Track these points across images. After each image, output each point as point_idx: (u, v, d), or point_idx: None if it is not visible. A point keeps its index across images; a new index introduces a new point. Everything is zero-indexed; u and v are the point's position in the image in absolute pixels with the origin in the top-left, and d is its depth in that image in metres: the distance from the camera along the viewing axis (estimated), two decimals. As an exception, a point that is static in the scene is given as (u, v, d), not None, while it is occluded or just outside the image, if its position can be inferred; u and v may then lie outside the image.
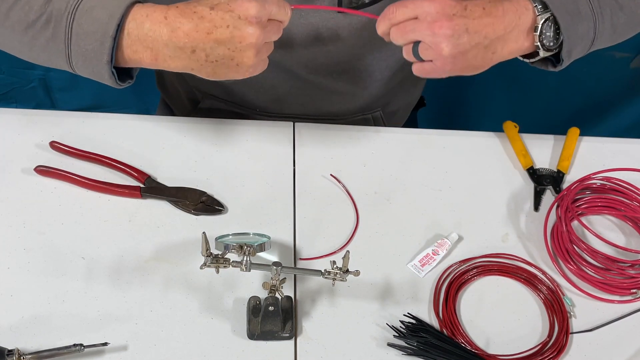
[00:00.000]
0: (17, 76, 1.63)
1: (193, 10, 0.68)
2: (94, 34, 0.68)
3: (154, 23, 0.69)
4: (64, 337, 0.71)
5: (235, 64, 0.70)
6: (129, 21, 0.69)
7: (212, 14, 0.68)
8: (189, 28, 0.68)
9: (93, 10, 0.69)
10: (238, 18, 0.67)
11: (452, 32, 0.71)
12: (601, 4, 0.79)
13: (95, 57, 0.70)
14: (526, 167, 0.95)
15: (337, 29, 0.87)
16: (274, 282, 0.72)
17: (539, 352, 0.76)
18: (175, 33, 0.68)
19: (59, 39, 0.70)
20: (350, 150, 0.95)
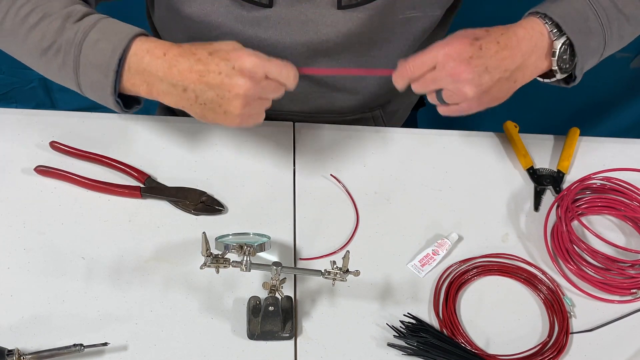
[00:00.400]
0: (17, 76, 1.63)
1: (193, 52, 0.72)
2: (99, 66, 0.73)
3: (153, 58, 0.72)
4: (64, 337, 0.71)
5: (223, 111, 0.72)
6: (131, 55, 0.72)
7: (208, 58, 0.71)
8: (184, 67, 0.71)
9: (98, 43, 0.73)
10: (232, 68, 0.70)
11: (473, 75, 0.73)
12: (609, 17, 0.81)
13: (101, 88, 0.74)
14: (526, 167, 0.95)
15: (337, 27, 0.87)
16: (274, 282, 0.72)
17: (539, 352, 0.76)
18: (170, 70, 0.71)
19: (69, 67, 0.74)
20: (350, 150, 0.95)
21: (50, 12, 0.75)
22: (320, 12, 0.85)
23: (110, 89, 0.73)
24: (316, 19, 0.86)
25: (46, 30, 0.75)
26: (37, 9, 0.76)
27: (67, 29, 0.74)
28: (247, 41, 0.87)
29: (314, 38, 0.87)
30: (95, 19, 0.75)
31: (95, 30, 0.74)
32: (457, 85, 0.74)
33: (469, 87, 0.74)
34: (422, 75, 0.76)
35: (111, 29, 0.74)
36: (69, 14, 0.75)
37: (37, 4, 0.76)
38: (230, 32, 0.87)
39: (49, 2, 0.76)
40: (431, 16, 0.91)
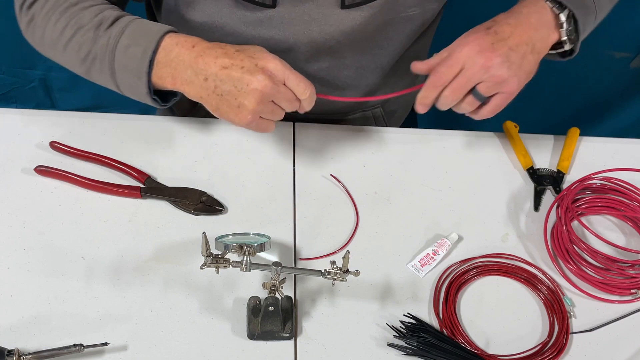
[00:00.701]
0: (17, 76, 1.63)
1: (221, 46, 0.76)
2: (131, 70, 0.78)
3: (183, 49, 0.76)
4: (64, 337, 0.71)
5: (237, 105, 0.74)
6: (160, 51, 0.77)
7: (235, 54, 0.75)
8: (210, 58, 0.74)
9: (129, 48, 0.77)
10: (255, 65, 0.73)
11: (502, 57, 0.76)
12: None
13: (137, 89, 0.79)
14: (526, 167, 0.95)
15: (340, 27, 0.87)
16: (274, 282, 0.72)
17: (539, 352, 0.76)
18: (196, 59, 0.75)
19: (106, 73, 0.80)
20: (350, 150, 0.95)
21: (83, 23, 0.80)
22: (324, 12, 0.85)
23: (145, 89, 0.78)
24: (319, 19, 0.86)
25: (82, 42, 0.80)
26: (70, 22, 0.81)
27: (100, 37, 0.79)
28: (250, 41, 0.87)
29: (317, 37, 0.88)
30: (125, 23, 0.79)
31: (125, 35, 0.78)
32: (492, 72, 0.76)
33: (503, 69, 0.76)
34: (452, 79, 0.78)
35: (140, 32, 0.78)
36: (100, 21, 0.80)
37: (70, 18, 0.81)
38: (233, 33, 0.87)
39: (81, 13, 0.81)
40: (429, 10, 0.92)
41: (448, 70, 0.77)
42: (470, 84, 0.77)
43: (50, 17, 0.82)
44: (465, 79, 0.77)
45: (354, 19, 0.86)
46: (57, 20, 0.81)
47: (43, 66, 1.61)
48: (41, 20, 0.83)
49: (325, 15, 0.86)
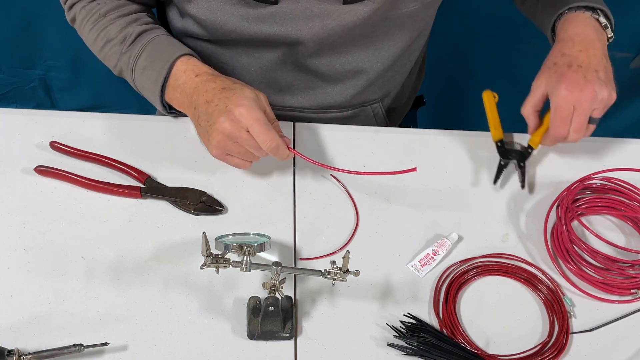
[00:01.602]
0: (17, 76, 1.63)
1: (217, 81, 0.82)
2: (148, 90, 0.88)
3: (187, 78, 0.84)
4: (64, 337, 0.71)
5: (207, 138, 0.81)
6: (171, 76, 0.85)
7: (220, 92, 0.80)
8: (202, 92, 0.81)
9: (145, 70, 0.86)
10: (225, 107, 0.78)
11: (598, 83, 0.83)
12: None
13: (157, 105, 0.88)
14: (496, 139, 0.95)
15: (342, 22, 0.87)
16: (274, 282, 0.72)
17: (539, 352, 0.76)
18: (195, 90, 0.82)
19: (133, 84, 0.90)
20: (350, 150, 0.95)
21: (110, 37, 0.89)
22: (326, 7, 0.85)
23: (161, 107, 0.88)
24: (322, 14, 0.86)
25: (110, 54, 0.90)
26: (100, 34, 0.90)
27: (123, 54, 0.88)
28: (254, 38, 0.88)
29: (319, 33, 0.88)
30: (144, 43, 0.87)
31: (142, 57, 0.86)
32: (598, 98, 0.83)
33: (604, 91, 0.83)
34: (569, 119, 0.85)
35: (156, 55, 0.86)
36: (124, 37, 0.88)
37: (99, 30, 0.90)
38: (235, 29, 0.87)
39: (109, 26, 0.89)
40: (429, 5, 0.92)
41: (564, 124, 0.84)
42: (586, 117, 0.84)
43: (85, 25, 0.91)
44: (583, 117, 0.84)
45: (356, 14, 0.86)
46: (90, 30, 0.91)
47: (43, 66, 1.61)
48: (78, 25, 0.93)
49: (328, 11, 0.86)
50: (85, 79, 1.64)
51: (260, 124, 0.77)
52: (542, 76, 0.87)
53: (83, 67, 1.60)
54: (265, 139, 0.78)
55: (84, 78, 1.63)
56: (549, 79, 0.86)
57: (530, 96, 0.88)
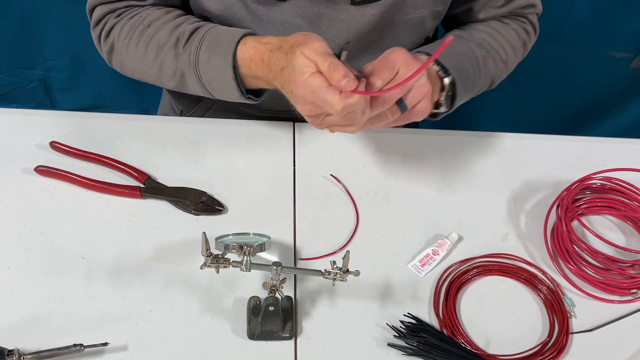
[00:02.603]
0: (17, 76, 1.63)
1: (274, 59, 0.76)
2: (220, 79, 0.81)
3: (257, 66, 0.78)
4: (64, 337, 0.71)
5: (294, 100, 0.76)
6: (240, 66, 0.80)
7: (281, 75, 0.75)
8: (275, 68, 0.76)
9: (210, 59, 0.81)
10: (291, 91, 0.74)
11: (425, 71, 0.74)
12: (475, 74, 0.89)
13: (232, 94, 0.82)
14: None
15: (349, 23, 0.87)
16: (274, 282, 0.72)
17: (539, 352, 0.76)
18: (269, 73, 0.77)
19: (198, 85, 0.85)
20: (350, 150, 0.95)
21: (162, 43, 0.84)
22: (334, 8, 0.85)
23: (238, 93, 0.81)
24: (330, 14, 0.86)
25: (166, 61, 0.85)
26: (150, 44, 0.85)
27: (181, 55, 0.83)
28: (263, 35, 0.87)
29: (326, 33, 0.88)
30: (201, 36, 0.82)
31: (203, 49, 0.81)
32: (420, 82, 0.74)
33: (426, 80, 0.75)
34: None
35: (216, 42, 0.81)
36: (178, 38, 0.84)
37: (148, 40, 0.85)
38: (248, 27, 0.87)
39: (157, 34, 0.85)
40: (435, 12, 0.92)
41: (386, 72, 0.73)
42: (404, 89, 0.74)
43: (129, 43, 0.86)
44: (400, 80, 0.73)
45: (364, 16, 0.86)
46: (137, 45, 0.86)
47: (43, 66, 1.61)
48: (121, 46, 0.88)
49: (336, 11, 0.86)
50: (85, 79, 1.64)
51: (324, 94, 0.69)
52: None
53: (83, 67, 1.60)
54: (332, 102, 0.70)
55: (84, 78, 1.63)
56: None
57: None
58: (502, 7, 0.94)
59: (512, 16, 0.96)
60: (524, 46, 0.97)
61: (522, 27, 0.97)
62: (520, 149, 0.99)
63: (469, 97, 0.90)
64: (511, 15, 0.96)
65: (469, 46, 0.90)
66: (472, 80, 0.88)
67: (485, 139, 1.00)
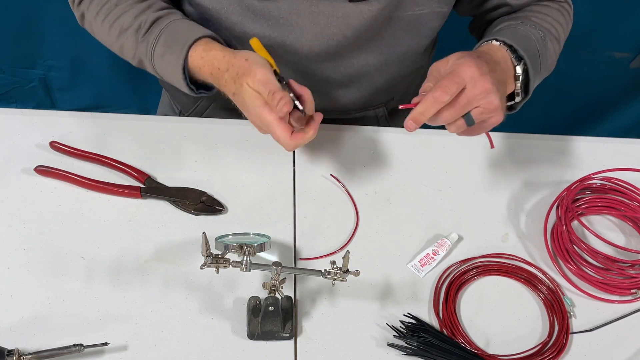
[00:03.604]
0: (17, 76, 1.63)
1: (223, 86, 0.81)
2: (171, 75, 0.85)
3: (205, 75, 0.82)
4: (64, 337, 0.71)
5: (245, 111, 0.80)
6: (191, 68, 0.83)
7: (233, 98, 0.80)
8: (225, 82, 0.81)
9: (164, 56, 0.84)
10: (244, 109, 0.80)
11: (496, 86, 0.75)
12: (544, 41, 0.87)
13: (183, 89, 0.85)
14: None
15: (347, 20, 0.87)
16: (274, 282, 0.72)
17: (539, 352, 0.76)
18: (219, 86, 0.82)
19: (155, 74, 0.88)
20: (350, 150, 0.95)
21: (125, 26, 0.86)
22: (331, 5, 0.85)
23: (188, 90, 0.85)
24: (327, 11, 0.86)
25: (127, 45, 0.87)
26: (114, 25, 0.87)
27: (140, 43, 0.86)
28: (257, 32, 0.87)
29: (324, 30, 0.88)
30: (159, 30, 0.84)
31: (159, 44, 0.84)
32: (489, 99, 0.74)
33: (497, 98, 0.74)
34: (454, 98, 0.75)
35: (172, 40, 0.83)
36: (139, 26, 0.85)
37: (113, 20, 0.87)
38: (240, 22, 0.87)
39: (122, 16, 0.86)
40: (438, 12, 0.91)
41: (454, 87, 0.73)
42: (469, 107, 0.74)
43: (96, 18, 0.88)
44: (466, 99, 0.74)
45: (362, 13, 0.86)
46: (103, 21, 0.88)
47: (43, 66, 1.61)
48: (89, 19, 0.90)
49: (333, 8, 0.86)
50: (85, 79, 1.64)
51: (274, 130, 0.76)
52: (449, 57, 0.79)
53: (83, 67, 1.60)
54: (281, 141, 0.77)
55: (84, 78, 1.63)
56: (456, 57, 0.78)
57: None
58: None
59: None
60: (567, 24, 0.96)
61: (561, 6, 0.96)
62: (520, 149, 0.99)
63: (539, 81, 0.88)
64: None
65: (527, 29, 0.87)
66: (541, 63, 0.86)
67: (485, 139, 1.00)
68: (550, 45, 0.89)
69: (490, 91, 0.74)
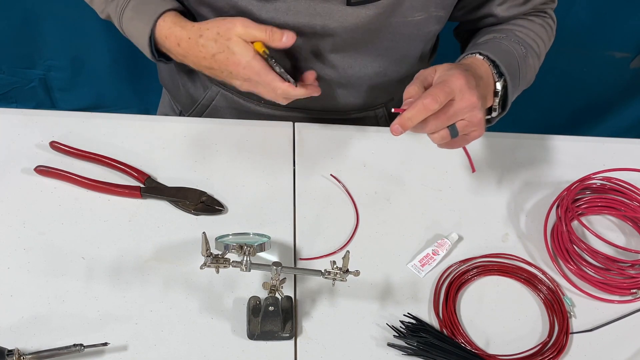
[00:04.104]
0: (17, 76, 1.63)
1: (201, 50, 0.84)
2: (138, 38, 0.89)
3: (172, 45, 0.86)
4: (64, 337, 0.71)
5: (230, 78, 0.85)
6: (157, 38, 0.87)
7: (212, 60, 0.83)
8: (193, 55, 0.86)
9: (132, 20, 0.88)
10: (230, 72, 0.84)
11: (480, 101, 0.76)
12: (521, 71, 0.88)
13: (146, 53, 0.89)
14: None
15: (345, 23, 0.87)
16: (274, 282, 0.72)
17: (539, 352, 0.76)
18: (185, 58, 0.87)
19: (121, 32, 0.92)
20: (350, 150, 0.95)
21: None
22: (329, 7, 0.85)
23: (151, 56, 0.89)
24: (325, 13, 0.86)
25: (96, 2, 0.93)
26: None
27: (110, 3, 0.90)
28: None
29: (321, 32, 0.88)
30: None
31: (129, 8, 0.88)
32: (475, 113, 0.75)
33: (479, 111, 0.76)
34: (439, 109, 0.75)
35: (141, 7, 0.88)
36: None
37: None
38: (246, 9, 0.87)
39: None
40: (435, 17, 0.91)
41: (443, 96, 0.72)
42: (455, 118, 0.75)
43: None
44: (453, 111, 0.74)
45: (359, 17, 0.86)
46: None
47: (43, 66, 1.61)
48: None
49: (331, 11, 0.86)
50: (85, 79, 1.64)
51: (266, 77, 0.81)
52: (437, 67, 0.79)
53: (83, 67, 1.60)
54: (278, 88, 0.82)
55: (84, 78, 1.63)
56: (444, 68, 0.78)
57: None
58: (524, 5, 0.94)
59: (533, 13, 0.96)
60: (549, 39, 0.98)
61: (545, 21, 0.97)
62: (520, 149, 0.99)
63: (517, 95, 0.89)
64: (532, 12, 0.96)
65: (510, 44, 0.89)
66: (520, 79, 0.88)
67: (485, 139, 1.00)
68: (530, 61, 0.91)
69: (476, 105, 0.75)
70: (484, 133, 0.84)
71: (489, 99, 0.83)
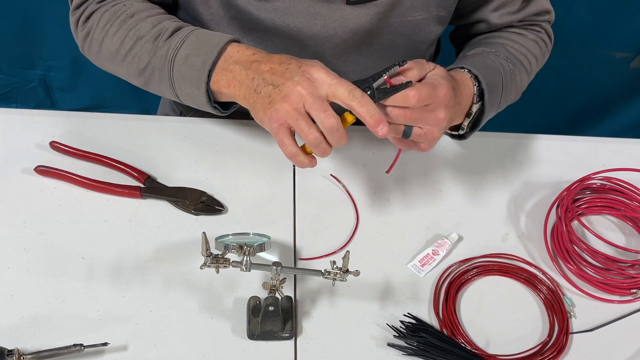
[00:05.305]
0: (17, 76, 1.64)
1: (281, 55, 0.75)
2: (190, 80, 0.78)
3: (243, 54, 0.76)
4: (64, 337, 0.71)
5: (269, 102, 0.71)
6: (220, 60, 0.76)
7: (289, 58, 0.73)
8: (265, 62, 0.74)
9: (188, 58, 0.78)
10: (299, 67, 0.71)
11: (446, 122, 0.76)
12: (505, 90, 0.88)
13: (197, 98, 0.79)
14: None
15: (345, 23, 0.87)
16: (274, 282, 0.72)
17: (539, 352, 0.76)
18: (252, 63, 0.74)
19: (166, 83, 0.81)
20: (350, 150, 0.95)
21: (142, 34, 0.81)
22: (329, 7, 0.85)
23: (205, 98, 0.78)
24: (324, 13, 0.86)
25: (141, 53, 0.81)
26: (129, 34, 0.82)
27: (159, 48, 0.80)
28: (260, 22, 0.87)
29: (321, 32, 0.88)
30: (185, 34, 0.80)
31: (184, 46, 0.79)
32: (434, 128, 0.75)
33: (439, 130, 0.76)
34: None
35: (200, 43, 0.78)
36: (159, 32, 0.81)
37: (128, 30, 0.82)
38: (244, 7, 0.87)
39: (139, 24, 0.82)
40: (436, 17, 0.91)
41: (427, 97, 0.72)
42: (417, 123, 0.74)
43: (108, 30, 0.84)
44: (420, 115, 0.73)
45: (359, 16, 0.86)
46: (115, 33, 0.83)
47: (43, 66, 1.61)
48: (98, 33, 0.85)
49: (331, 10, 0.86)
50: (85, 79, 1.64)
51: (343, 85, 0.70)
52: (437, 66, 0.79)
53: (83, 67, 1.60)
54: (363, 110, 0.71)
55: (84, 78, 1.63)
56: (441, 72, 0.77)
57: None
58: (517, 13, 0.94)
59: (527, 25, 0.96)
60: (543, 56, 0.98)
61: (539, 36, 0.97)
62: (520, 149, 0.99)
63: (493, 115, 0.89)
64: (526, 24, 0.96)
65: (499, 61, 0.89)
66: (502, 98, 0.88)
67: (485, 139, 1.00)
68: (518, 78, 0.91)
69: (441, 124, 0.75)
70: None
71: (458, 119, 0.84)
